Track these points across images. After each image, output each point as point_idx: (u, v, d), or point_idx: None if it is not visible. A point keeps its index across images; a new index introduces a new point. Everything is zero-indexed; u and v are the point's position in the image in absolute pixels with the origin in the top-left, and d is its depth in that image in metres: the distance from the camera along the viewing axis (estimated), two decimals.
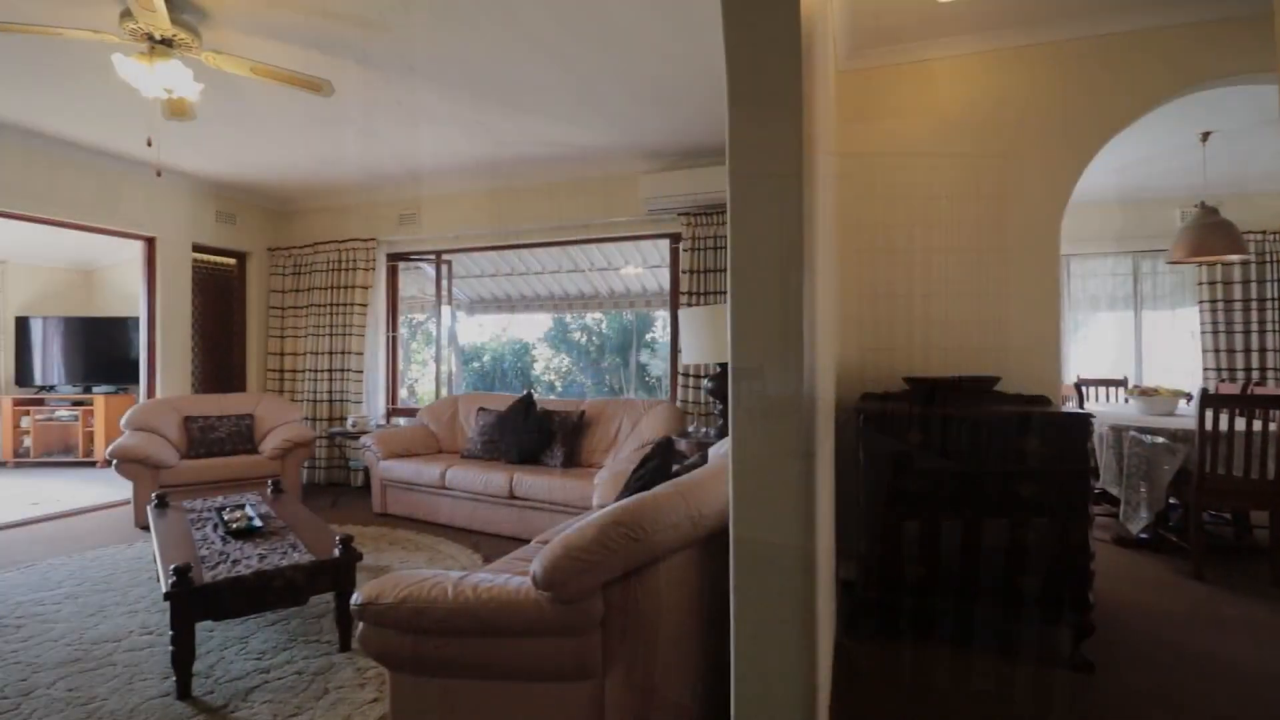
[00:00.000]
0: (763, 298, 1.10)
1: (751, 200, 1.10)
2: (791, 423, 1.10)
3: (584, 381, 13.26)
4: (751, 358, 1.11)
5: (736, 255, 1.12)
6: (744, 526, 1.13)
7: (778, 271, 1.08)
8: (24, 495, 5.20)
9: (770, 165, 1.08)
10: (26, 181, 4.28)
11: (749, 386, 1.11)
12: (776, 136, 1.07)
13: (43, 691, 2.16)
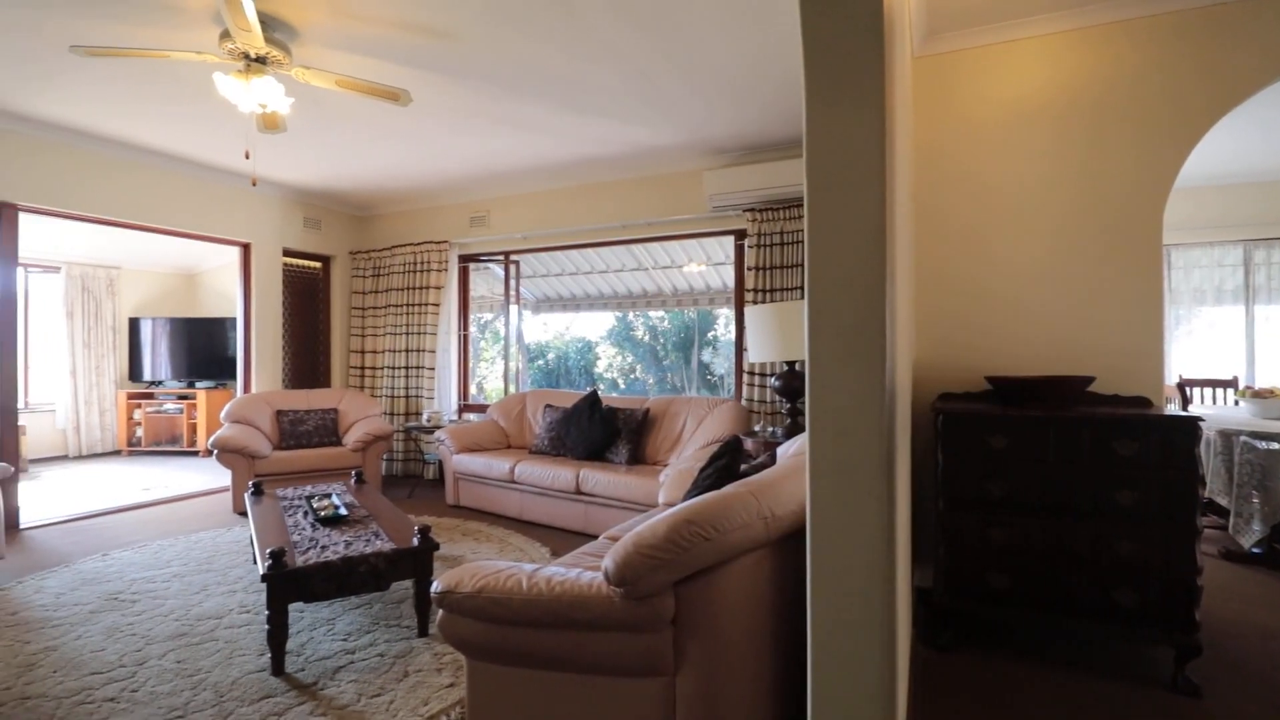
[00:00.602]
0: (841, 294, 1.07)
1: (830, 193, 1.07)
2: (872, 424, 1.06)
3: (646, 379, 13.32)
4: (830, 356, 1.08)
5: (814, 251, 1.09)
6: (821, 530, 1.10)
7: (857, 267, 1.05)
8: (136, 481, 5.70)
9: (850, 156, 1.05)
10: (139, 194, 4.68)
11: (827, 386, 1.08)
12: (856, 126, 1.04)
13: (155, 662, 2.36)
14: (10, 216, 4.10)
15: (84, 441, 7.02)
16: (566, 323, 13.36)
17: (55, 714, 2.02)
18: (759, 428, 3.79)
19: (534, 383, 10.89)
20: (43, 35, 2.95)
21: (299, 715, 2.01)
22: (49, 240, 6.45)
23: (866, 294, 1.05)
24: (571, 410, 4.51)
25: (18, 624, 2.69)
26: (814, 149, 1.08)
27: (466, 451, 4.64)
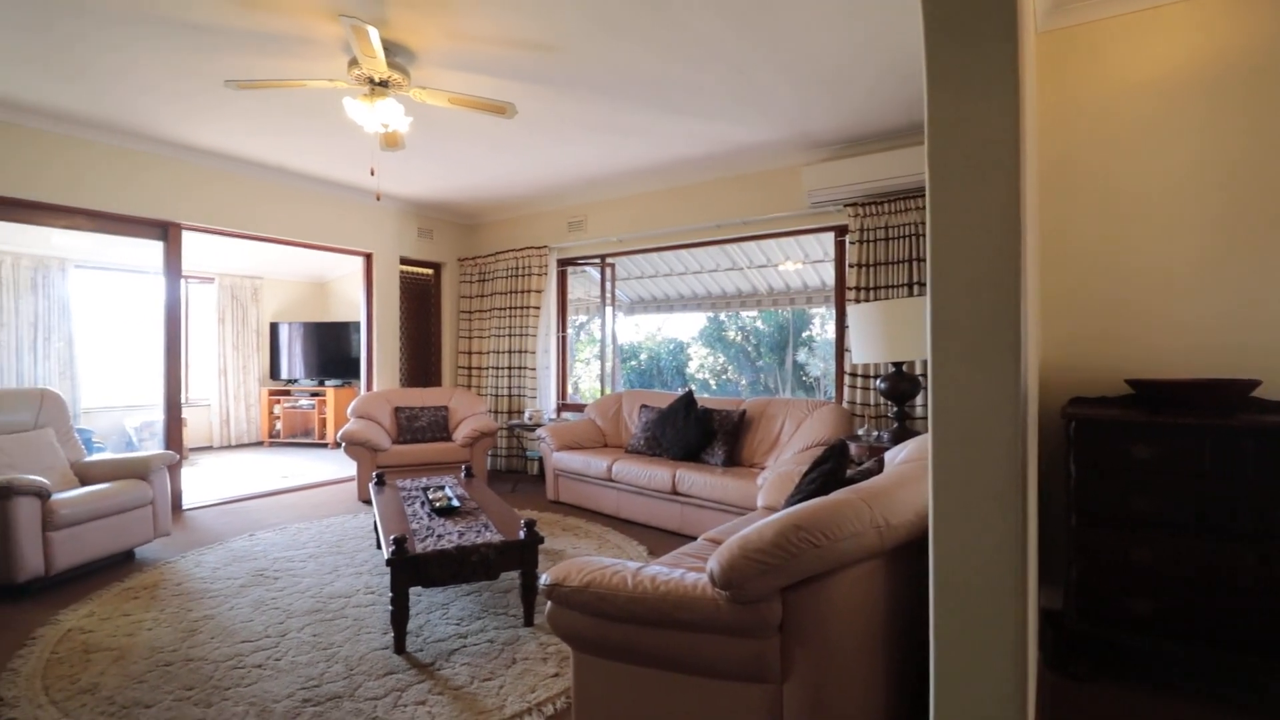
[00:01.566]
0: (969, 291, 1.00)
1: (955, 182, 1.01)
2: (1004, 430, 0.99)
3: (738, 380, 13.14)
4: (956, 357, 1.02)
5: (937, 245, 1.03)
6: (945, 544, 1.04)
7: (987, 261, 0.98)
8: (276, 469, 6.33)
9: (980, 141, 0.98)
10: (278, 212, 5.20)
11: (953, 389, 1.02)
12: (987, 108, 0.97)
13: (295, 635, 2.61)
14: (175, 235, 4.68)
15: (232, 433, 7.89)
16: (658, 324, 13.45)
17: (213, 676, 2.28)
18: (862, 431, 3.64)
19: (627, 383, 11.04)
20: (200, 74, 3.33)
21: (419, 693, 2.15)
22: (205, 255, 7.30)
23: (997, 290, 0.98)
24: (667, 411, 4.54)
25: (183, 593, 3.06)
26: (937, 135, 1.02)
27: (566, 449, 4.78)
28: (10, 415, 3.55)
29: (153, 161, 4.47)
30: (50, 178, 4.03)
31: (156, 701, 2.11)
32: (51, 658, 2.42)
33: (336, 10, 2.72)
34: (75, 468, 3.60)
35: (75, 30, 2.89)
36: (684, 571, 1.62)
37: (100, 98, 3.65)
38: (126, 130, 4.16)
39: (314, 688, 2.18)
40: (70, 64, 3.22)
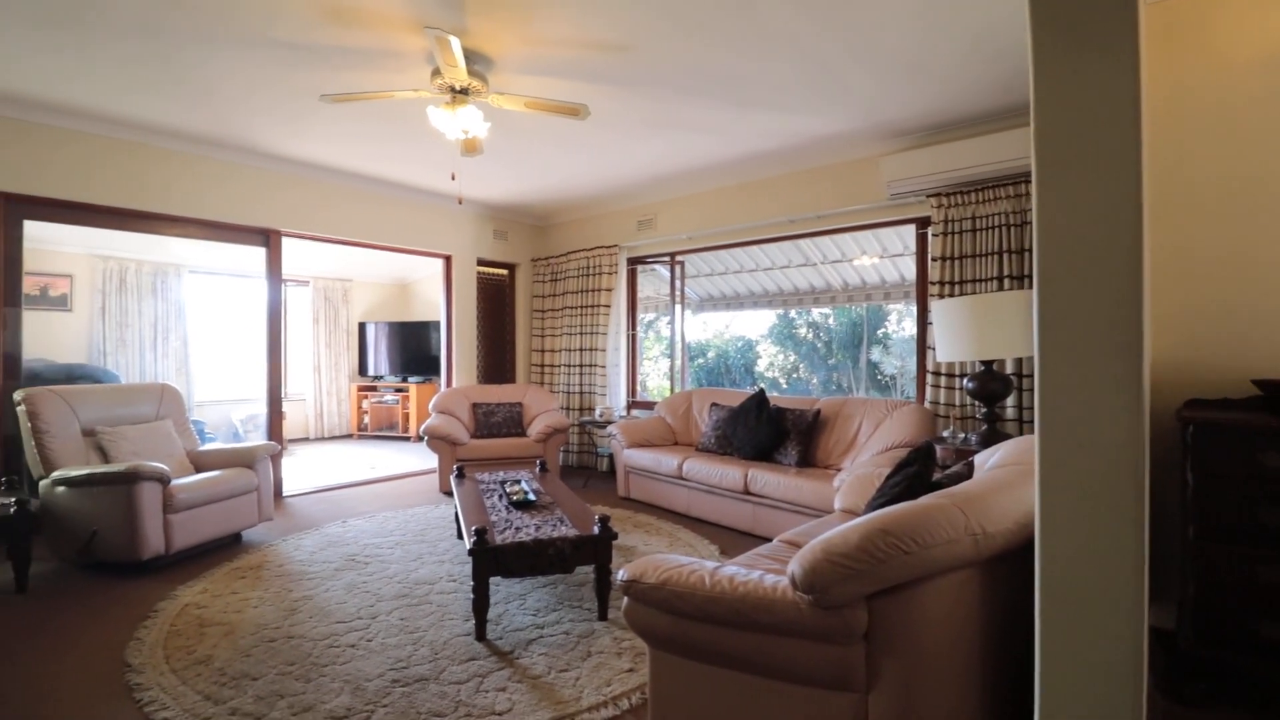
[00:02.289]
0: (1083, 283, 0.93)
1: (1067, 164, 0.94)
2: (1122, 434, 0.91)
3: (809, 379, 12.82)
4: (1067, 356, 0.95)
5: (1046, 233, 0.96)
6: (1054, 556, 0.97)
7: (1105, 250, 0.91)
8: (364, 460, 6.70)
9: (1094, 117, 0.91)
10: (366, 217, 5.49)
11: (1064, 390, 0.95)
12: (1104, 78, 0.90)
13: (384, 618, 2.75)
14: (276, 241, 5.02)
15: (325, 426, 8.41)
16: (725, 321, 13.31)
17: (312, 653, 2.44)
18: (947, 433, 3.47)
19: (695, 381, 11.00)
20: (299, 91, 3.56)
21: (499, 679, 2.22)
22: (300, 259, 7.81)
23: (1116, 281, 0.90)
24: (738, 409, 4.48)
25: (284, 574, 3.28)
26: (1046, 111, 0.95)
27: (636, 447, 4.81)
28: (135, 408, 3.92)
29: (256, 174, 4.82)
30: (171, 192, 4.42)
31: (262, 674, 2.28)
32: (171, 630, 2.65)
33: (421, 22, 2.83)
34: (191, 456, 3.93)
35: (194, 58, 3.15)
36: (762, 573, 1.59)
37: (213, 118, 3.96)
38: (235, 146, 4.51)
39: (402, 669, 2.30)
40: (189, 88, 3.52)
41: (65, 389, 3.65)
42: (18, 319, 3.92)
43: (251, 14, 2.75)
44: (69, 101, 3.71)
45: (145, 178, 4.31)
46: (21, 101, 3.71)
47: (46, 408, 3.45)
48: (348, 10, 2.75)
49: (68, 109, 3.82)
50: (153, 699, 2.12)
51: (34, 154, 3.89)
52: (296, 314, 8.46)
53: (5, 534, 2.98)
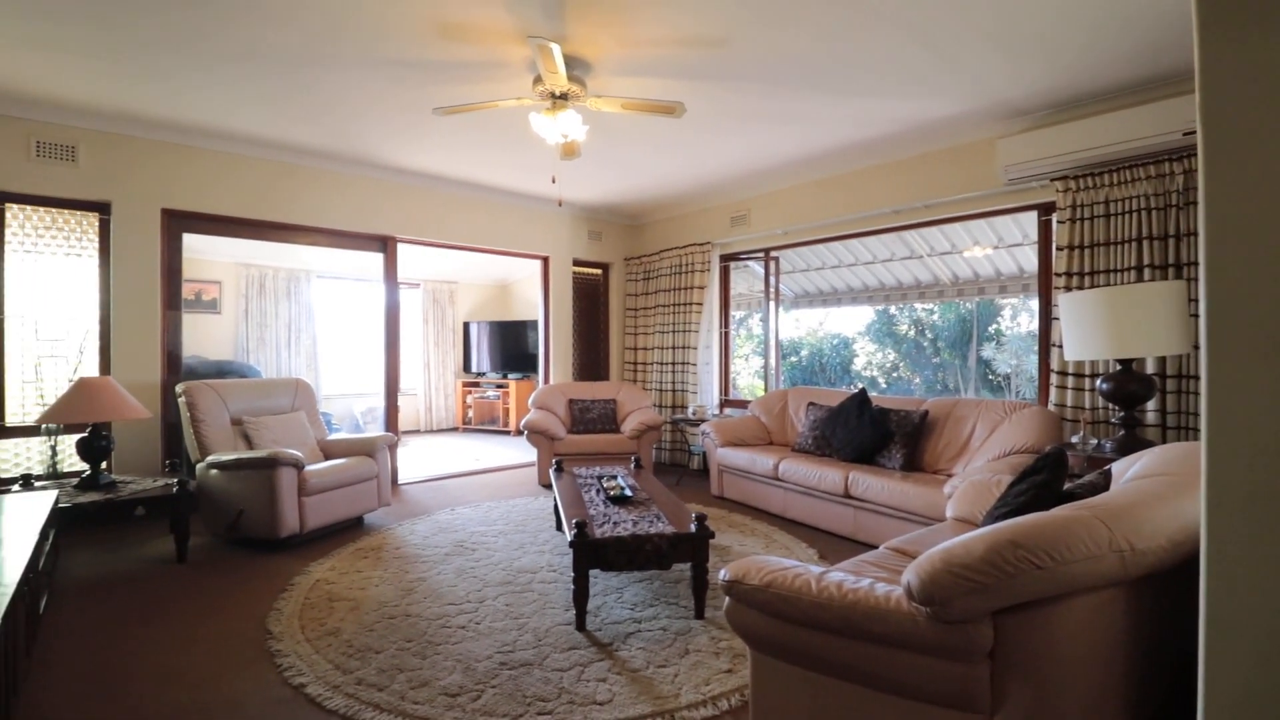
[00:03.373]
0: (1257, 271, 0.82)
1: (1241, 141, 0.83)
2: None
3: (910, 379, 12.16)
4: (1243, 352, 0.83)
5: (1214, 217, 0.85)
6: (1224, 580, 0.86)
7: None
8: (469, 452, 7.07)
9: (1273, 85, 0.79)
10: (471, 222, 5.78)
11: (1238, 391, 0.84)
12: None
13: (490, 602, 2.88)
14: (392, 247, 5.39)
15: (433, 419, 8.95)
16: (819, 318, 12.87)
17: (426, 632, 2.59)
18: (1076, 439, 3.17)
19: (788, 381, 10.72)
20: (411, 105, 3.79)
21: (599, 670, 2.27)
22: (412, 263, 8.33)
23: None
24: (837, 409, 4.32)
25: (401, 557, 3.52)
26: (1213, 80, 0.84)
27: (730, 445, 4.76)
28: (274, 400, 4.34)
29: (374, 184, 5.20)
30: (301, 203, 4.86)
31: (384, 649, 2.45)
32: (305, 602, 2.91)
33: (524, 32, 2.94)
34: (321, 445, 4.31)
35: (315, 78, 3.44)
36: (871, 581, 1.52)
37: (335, 133, 4.31)
38: (354, 159, 4.88)
39: (508, 653, 2.40)
40: (314, 107, 3.84)
41: (217, 382, 4.10)
42: (178, 321, 4.46)
43: (370, 35, 2.96)
44: (219, 126, 4.16)
45: (279, 191, 4.76)
46: (182, 129, 4.20)
47: (202, 399, 3.90)
48: (456, 26, 2.89)
49: (217, 133, 4.29)
50: (290, 665, 2.34)
51: (189, 174, 4.40)
52: (408, 314, 9.03)
53: (169, 510, 3.39)
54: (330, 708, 2.06)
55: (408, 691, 2.14)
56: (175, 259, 4.41)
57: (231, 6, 2.71)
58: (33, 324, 3.99)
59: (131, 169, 4.18)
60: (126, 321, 4.18)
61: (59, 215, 4.06)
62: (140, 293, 4.23)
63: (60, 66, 3.29)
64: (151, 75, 3.38)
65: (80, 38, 2.98)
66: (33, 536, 2.29)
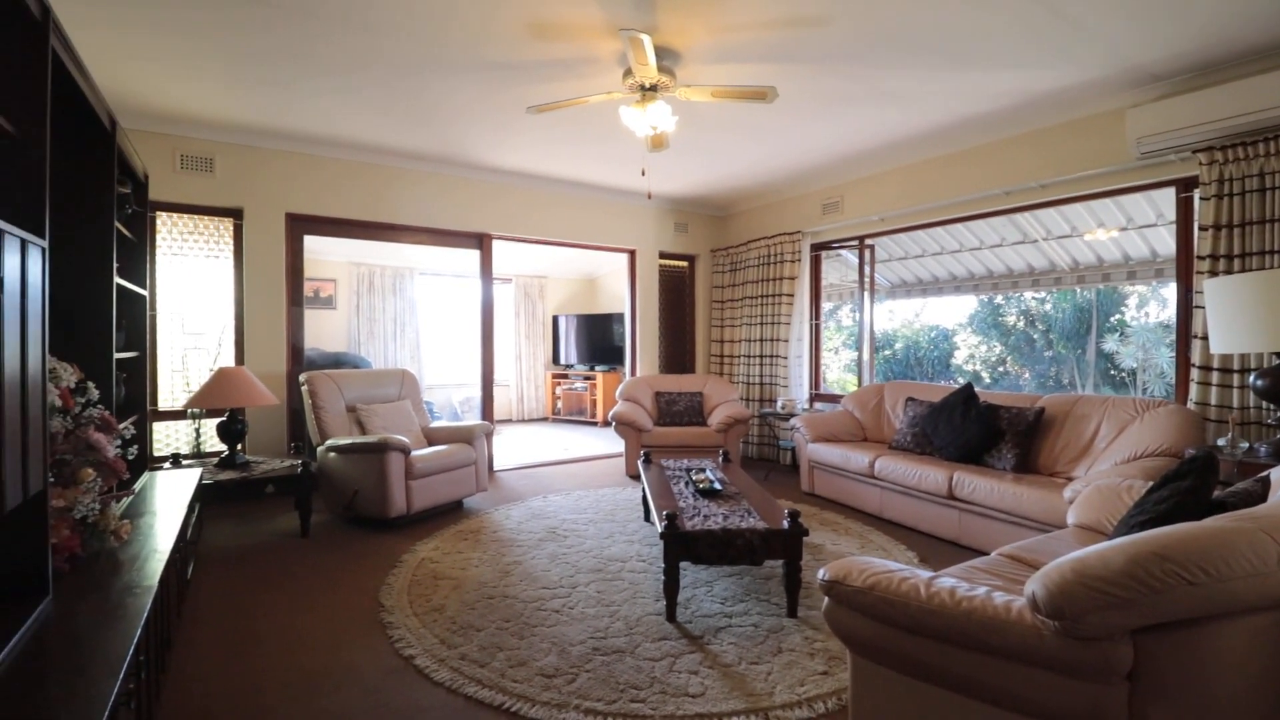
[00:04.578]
0: None
1: None
2: None
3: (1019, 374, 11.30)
4: None
5: None
6: None
7: None
8: (558, 442, 7.27)
9: None
10: (560, 218, 5.91)
11: None
12: None
13: (582, 589, 2.95)
14: (487, 244, 5.61)
15: (525, 409, 9.27)
16: (915, 309, 12.19)
17: (523, 613, 2.69)
18: (1223, 441, 2.83)
19: (881, 375, 10.26)
20: (506, 105, 3.91)
21: (690, 662, 2.27)
22: (504, 260, 8.64)
23: None
24: (940, 405, 4.09)
25: (497, 540, 3.67)
26: None
27: (821, 441, 4.62)
28: (383, 389, 4.63)
29: (470, 184, 5.42)
30: (406, 205, 5.15)
31: (484, 627, 2.57)
32: (412, 579, 3.10)
33: (615, 25, 2.95)
34: (425, 431, 4.56)
35: (421, 85, 3.61)
36: (988, 589, 1.43)
37: (437, 137, 4.52)
38: (453, 161, 5.11)
39: (601, 639, 2.45)
40: (418, 113, 4.05)
41: (334, 373, 4.43)
42: (300, 317, 4.85)
43: (469, 40, 3.08)
44: (334, 134, 4.48)
45: (386, 194, 5.06)
46: (301, 138, 4.55)
47: (322, 388, 4.22)
48: (548, 25, 2.95)
49: (332, 140, 4.61)
50: (400, 636, 2.50)
51: (309, 180, 4.76)
52: (501, 309, 9.37)
53: (294, 489, 3.71)
54: (437, 680, 2.18)
55: (507, 670, 2.23)
56: (298, 259, 4.80)
57: (344, 20, 2.89)
58: (179, 319, 4.47)
59: (260, 177, 4.58)
60: (257, 317, 4.60)
61: (199, 221, 4.52)
62: (268, 290, 4.64)
63: (197, 85, 3.65)
64: (272, 87, 3.67)
65: (211, 54, 3.27)
66: (182, 509, 2.57)
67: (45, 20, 1.61)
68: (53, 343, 1.67)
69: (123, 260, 2.69)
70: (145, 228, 3.31)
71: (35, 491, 1.53)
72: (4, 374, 1.34)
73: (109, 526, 1.95)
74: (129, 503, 2.58)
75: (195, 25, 2.96)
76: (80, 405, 1.93)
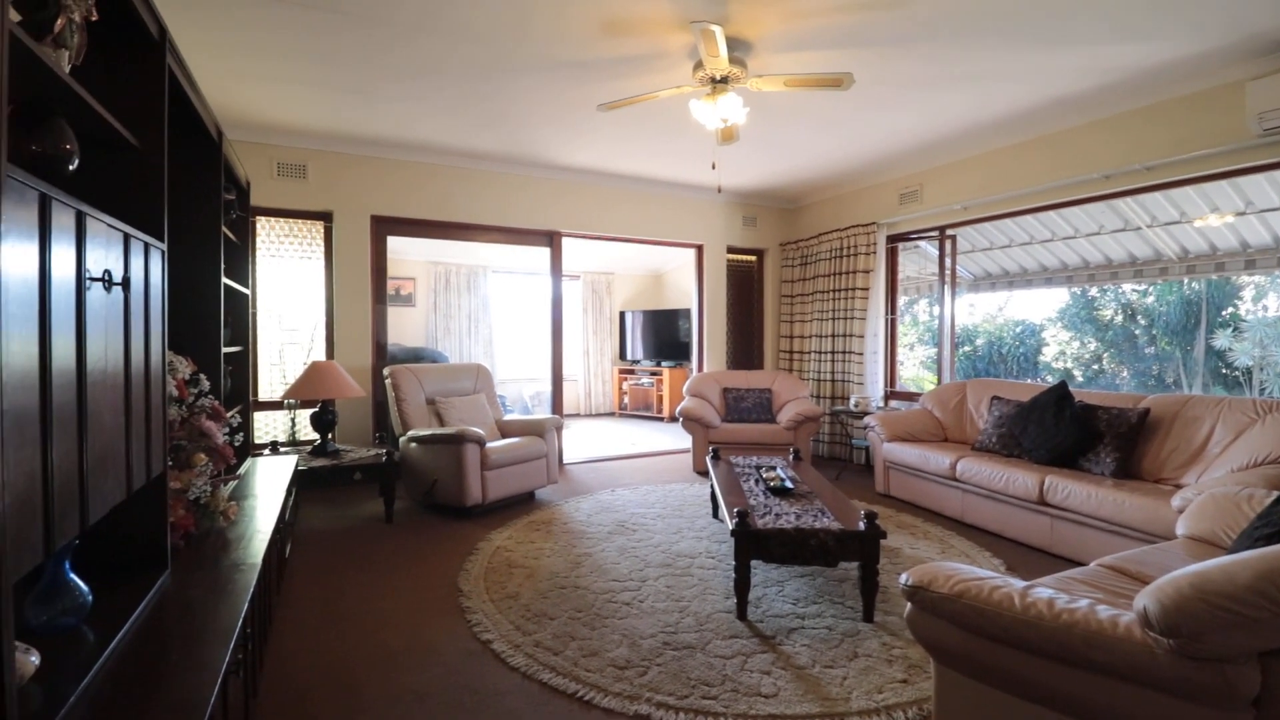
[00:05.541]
0: None
1: None
2: None
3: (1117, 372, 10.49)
4: None
5: None
6: None
7: None
8: (625, 437, 7.33)
9: None
10: (629, 214, 5.94)
11: None
12: None
13: (652, 583, 2.96)
14: (557, 242, 5.71)
15: (592, 404, 9.40)
16: (998, 303, 11.51)
17: (594, 605, 2.73)
18: None
19: (961, 372, 9.77)
20: (576, 104, 3.95)
21: (763, 662, 2.24)
22: (573, 257, 8.78)
23: None
24: (1030, 405, 3.85)
25: (568, 532, 3.74)
26: None
27: (897, 440, 4.45)
28: (460, 383, 4.80)
29: (541, 183, 5.53)
30: (480, 204, 5.31)
31: (557, 615, 2.62)
32: (488, 566, 3.20)
33: (686, 18, 2.93)
34: (498, 424, 4.70)
35: (494, 87, 3.71)
36: (1091, 602, 1.33)
37: (509, 137, 4.64)
38: (524, 160, 5.22)
39: (671, 634, 2.45)
40: (491, 114, 4.16)
41: (414, 367, 4.63)
42: (384, 314, 5.10)
43: (538, 40, 3.13)
44: (412, 138, 4.67)
45: (461, 195, 5.24)
46: (384, 143, 4.77)
47: (404, 381, 4.42)
48: (620, 21, 2.96)
49: (411, 144, 4.81)
50: (478, 621, 2.59)
51: (391, 183, 4.99)
52: (569, 305, 9.53)
53: (379, 476, 3.91)
54: (512, 665, 2.25)
55: (580, 659, 2.27)
56: (381, 259, 5.05)
57: (420, 25, 3.01)
58: (277, 316, 4.79)
59: (347, 181, 4.84)
60: (345, 313, 4.87)
61: (294, 224, 4.83)
62: (355, 289, 4.90)
63: (291, 97, 3.89)
64: (356, 95, 3.86)
65: (303, 66, 3.47)
66: (281, 493, 2.76)
67: (162, 40, 1.76)
68: (169, 338, 1.82)
69: (228, 261, 2.91)
70: (247, 231, 3.57)
71: (157, 474, 1.67)
72: (132, 366, 1.47)
73: (218, 507, 2.12)
74: (235, 486, 2.79)
75: (288, 44, 3.15)
76: (193, 395, 2.10)
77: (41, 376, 1.05)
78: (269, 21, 2.96)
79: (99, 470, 1.27)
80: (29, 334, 1.02)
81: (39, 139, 1.27)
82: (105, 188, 1.63)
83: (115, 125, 1.49)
